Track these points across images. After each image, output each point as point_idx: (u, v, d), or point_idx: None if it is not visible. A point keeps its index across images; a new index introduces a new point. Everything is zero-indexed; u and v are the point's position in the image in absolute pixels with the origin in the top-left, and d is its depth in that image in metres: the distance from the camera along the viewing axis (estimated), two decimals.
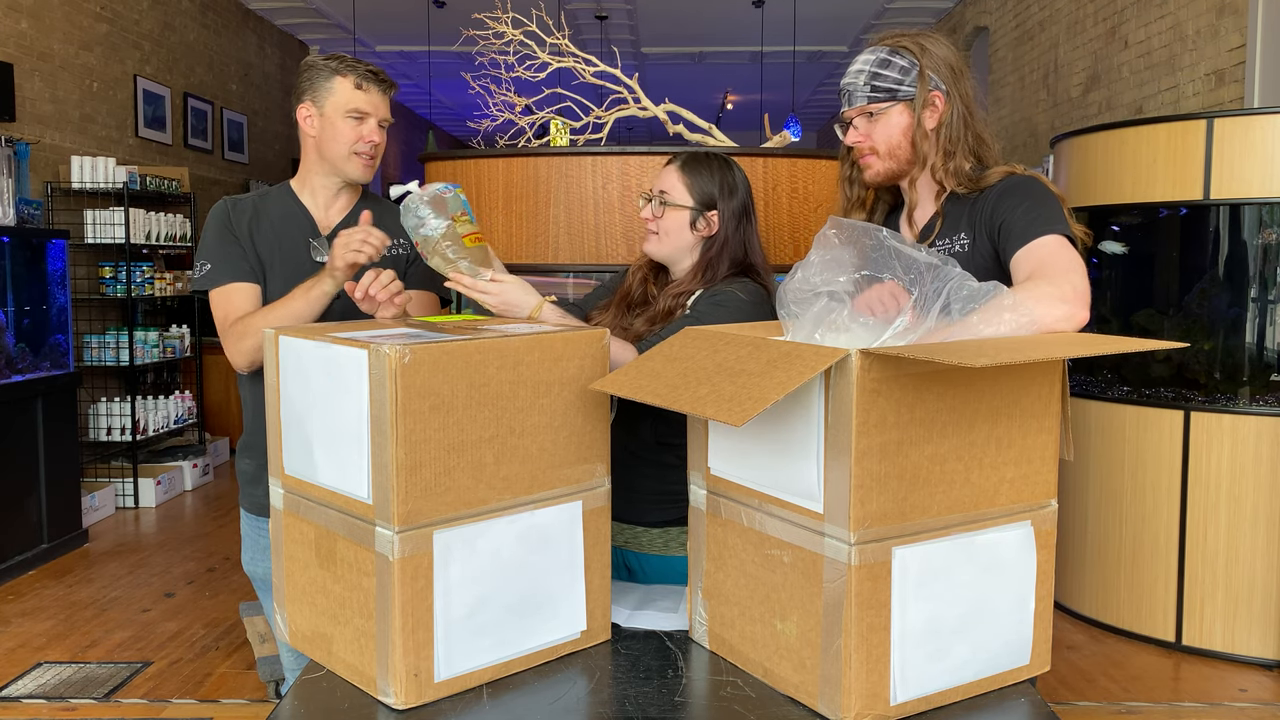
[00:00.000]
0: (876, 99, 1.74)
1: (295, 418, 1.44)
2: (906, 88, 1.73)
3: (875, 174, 1.80)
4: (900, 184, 1.84)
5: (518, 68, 2.96)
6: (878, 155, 1.77)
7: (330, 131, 2.02)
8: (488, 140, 3.16)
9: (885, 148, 1.76)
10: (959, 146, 1.73)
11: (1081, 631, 3.89)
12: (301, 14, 9.24)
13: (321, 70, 2.03)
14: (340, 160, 2.04)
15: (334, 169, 2.06)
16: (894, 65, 1.73)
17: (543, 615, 1.44)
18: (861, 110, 1.76)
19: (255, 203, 2.11)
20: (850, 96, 1.76)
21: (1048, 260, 1.56)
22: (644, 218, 1.98)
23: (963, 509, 1.31)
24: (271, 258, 2.05)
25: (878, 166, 1.78)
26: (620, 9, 9.33)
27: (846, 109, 1.78)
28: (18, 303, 4.97)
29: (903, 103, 1.73)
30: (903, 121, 1.74)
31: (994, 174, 1.74)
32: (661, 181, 1.97)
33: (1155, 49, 5.50)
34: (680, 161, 1.98)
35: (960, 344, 1.25)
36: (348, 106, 2.00)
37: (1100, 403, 3.89)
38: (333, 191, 2.10)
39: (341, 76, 2.01)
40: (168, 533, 5.28)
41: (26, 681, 3.40)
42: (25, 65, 5.60)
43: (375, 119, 2.02)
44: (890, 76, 1.72)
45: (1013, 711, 1.34)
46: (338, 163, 2.04)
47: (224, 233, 2.05)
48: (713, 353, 1.31)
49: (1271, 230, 3.59)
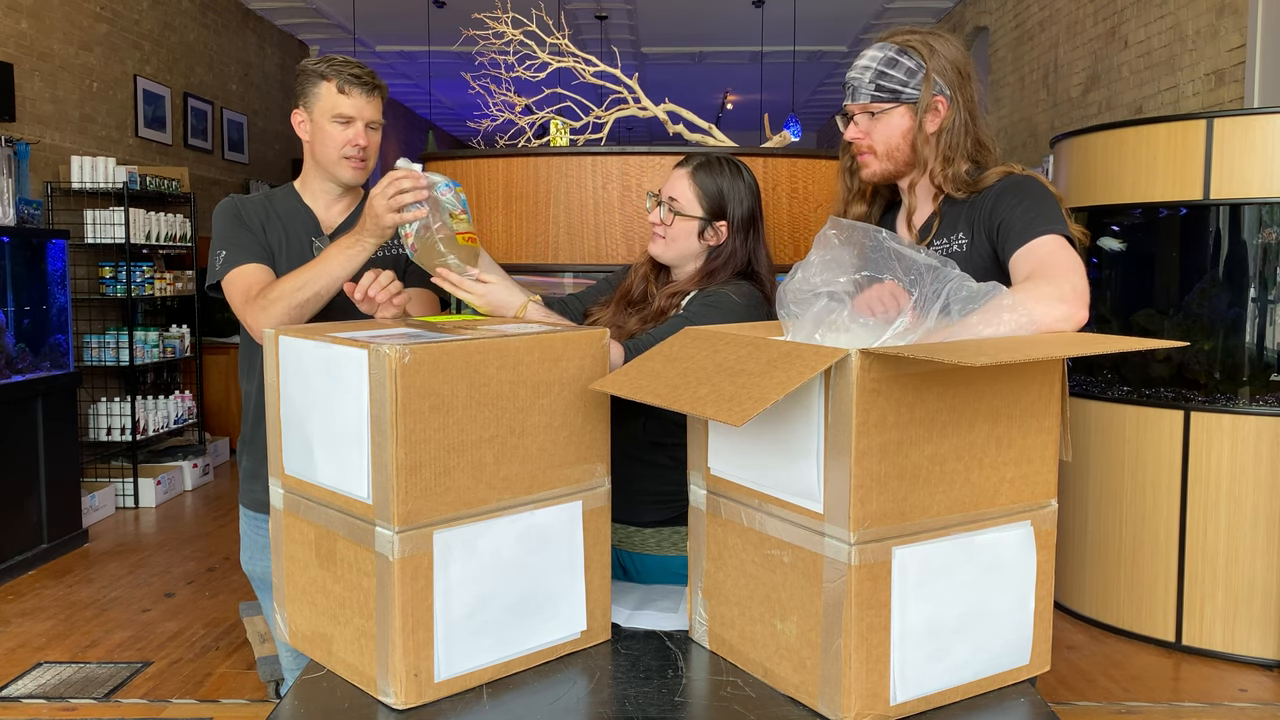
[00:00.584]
0: (880, 98, 1.73)
1: (295, 417, 1.44)
2: (911, 90, 1.72)
3: (872, 173, 1.79)
4: (899, 184, 1.84)
5: (518, 68, 2.95)
6: (875, 155, 1.77)
7: (320, 136, 2.03)
8: (488, 140, 3.16)
9: (884, 148, 1.76)
10: (958, 153, 1.73)
11: (1081, 631, 3.89)
12: (301, 14, 9.24)
13: (310, 75, 2.03)
14: (331, 164, 2.04)
15: (327, 173, 2.07)
16: (901, 66, 1.71)
17: (543, 615, 1.44)
18: (864, 107, 1.75)
19: (262, 200, 2.13)
20: (854, 92, 1.75)
21: (1047, 260, 1.56)
22: (651, 221, 1.96)
23: (963, 509, 1.31)
24: (279, 251, 2.06)
25: (874, 166, 1.78)
26: (620, 9, 9.33)
27: (849, 103, 1.77)
28: (18, 303, 4.97)
29: (905, 105, 1.72)
30: (904, 124, 1.74)
31: (992, 174, 1.73)
32: (672, 187, 1.94)
33: (1155, 49, 5.50)
34: (692, 167, 1.94)
35: (960, 344, 1.25)
36: (333, 111, 2.00)
37: (1100, 403, 3.89)
38: (334, 194, 2.11)
39: (326, 81, 2.00)
40: (168, 533, 5.28)
41: (26, 681, 3.40)
42: (25, 65, 5.60)
43: (361, 122, 2.02)
44: (896, 77, 1.71)
45: (1013, 711, 1.34)
46: (329, 167, 2.05)
47: (236, 222, 2.06)
48: (712, 353, 1.31)
49: (1272, 230, 3.59)
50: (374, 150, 2.07)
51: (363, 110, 2.02)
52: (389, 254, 2.10)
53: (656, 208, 1.95)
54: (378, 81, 2.06)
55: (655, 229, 1.96)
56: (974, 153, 1.75)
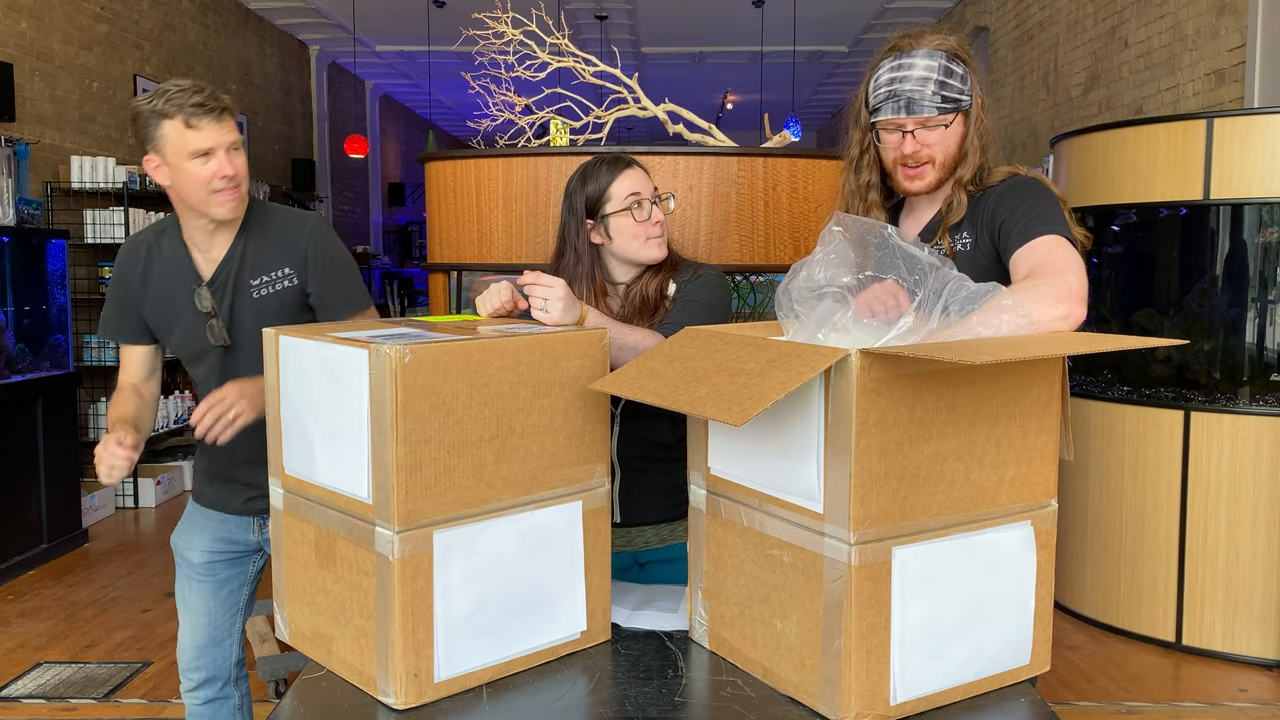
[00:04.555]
0: (945, 110, 1.69)
1: (295, 417, 1.44)
2: (966, 95, 1.71)
3: (927, 184, 1.75)
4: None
5: (518, 68, 2.95)
6: (934, 165, 1.73)
7: (182, 179, 1.88)
8: (488, 140, 3.15)
9: (943, 157, 1.73)
10: (989, 142, 1.74)
11: (1081, 631, 3.89)
12: (301, 14, 9.24)
13: (149, 116, 1.86)
14: (203, 204, 1.91)
15: (199, 213, 1.94)
16: (955, 74, 1.69)
17: (543, 615, 1.44)
18: (924, 120, 1.70)
19: (150, 245, 2.05)
20: (913, 105, 1.68)
21: (1046, 259, 1.56)
22: (655, 221, 1.93)
23: (963, 509, 1.31)
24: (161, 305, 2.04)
25: (930, 177, 1.74)
26: (620, 9, 9.33)
27: (903, 116, 1.69)
28: (18, 303, 4.97)
29: (964, 113, 1.72)
30: (960, 130, 1.73)
31: (997, 174, 1.74)
32: (652, 183, 1.96)
33: (1155, 49, 5.50)
34: (636, 163, 1.96)
35: (960, 343, 1.25)
36: (187, 150, 1.85)
37: (1100, 403, 3.89)
38: (208, 233, 1.98)
39: (169, 119, 1.85)
40: (168, 533, 5.25)
41: (26, 681, 3.40)
42: (25, 65, 5.60)
43: (222, 150, 1.87)
44: (955, 86, 1.69)
45: (1013, 711, 1.34)
46: (201, 207, 1.92)
47: (119, 286, 2.06)
48: (712, 352, 1.31)
49: (1273, 230, 3.59)
50: (243, 173, 1.93)
51: (218, 137, 1.87)
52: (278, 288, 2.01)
53: (656, 205, 1.93)
54: (222, 101, 1.90)
55: (657, 229, 1.93)
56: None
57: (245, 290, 2.00)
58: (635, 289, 1.94)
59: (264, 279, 2.00)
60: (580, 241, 1.94)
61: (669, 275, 1.95)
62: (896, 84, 1.69)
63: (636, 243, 1.91)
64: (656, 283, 1.94)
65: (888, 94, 1.70)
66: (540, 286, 1.62)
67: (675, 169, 2.61)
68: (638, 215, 1.89)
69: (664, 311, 1.91)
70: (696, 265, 1.99)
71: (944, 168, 1.74)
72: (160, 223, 2.09)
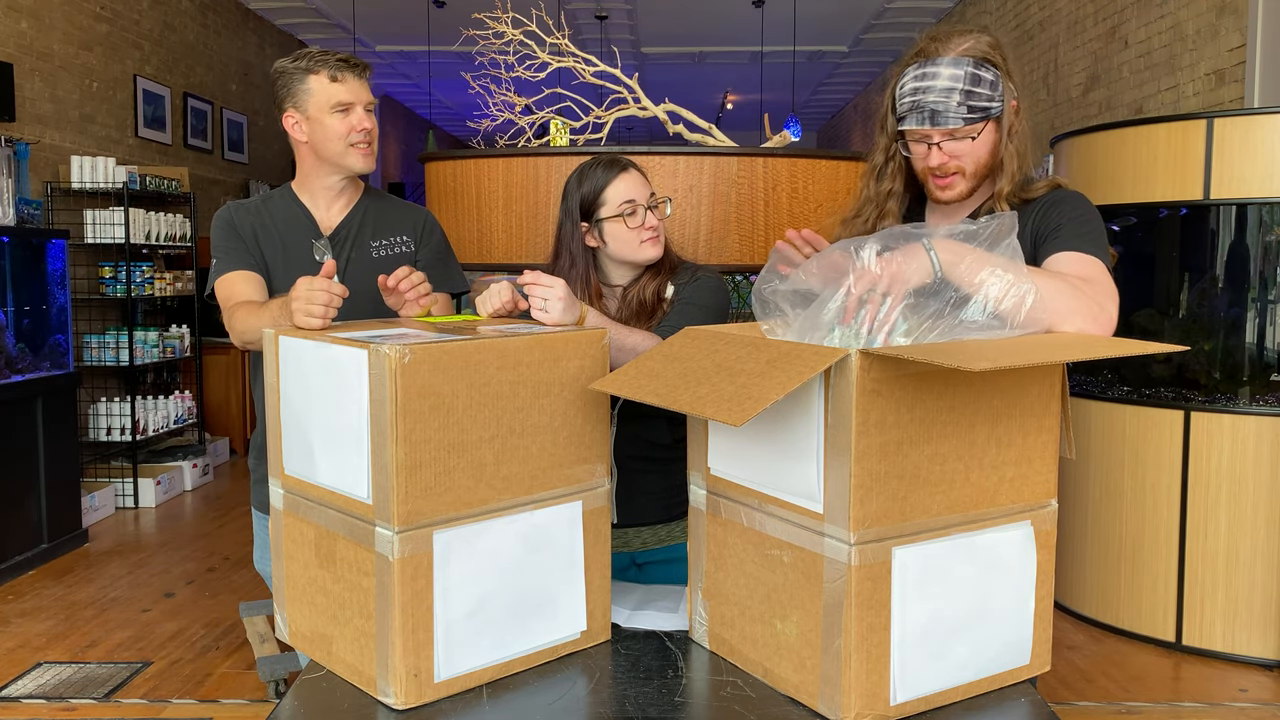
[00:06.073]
0: (972, 120, 1.62)
1: (295, 418, 1.44)
2: (996, 102, 1.63)
3: (958, 194, 1.69)
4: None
5: (518, 68, 2.95)
6: (964, 176, 1.67)
7: (321, 131, 2.00)
8: (488, 140, 3.16)
9: (974, 168, 1.67)
10: (1027, 147, 1.67)
11: (1081, 631, 3.89)
12: (301, 14, 9.24)
13: (293, 74, 2.00)
14: (339, 156, 2.02)
15: (335, 167, 2.05)
16: (983, 80, 1.61)
17: (543, 615, 1.44)
18: (950, 132, 1.63)
19: (258, 206, 2.11)
20: (938, 116, 1.61)
21: (1094, 278, 1.54)
22: (651, 225, 1.92)
23: (963, 509, 1.31)
24: (276, 261, 2.06)
25: (961, 187, 1.68)
26: (620, 9, 9.33)
27: (929, 128, 1.63)
28: (18, 303, 4.97)
29: (994, 120, 1.65)
30: (992, 138, 1.65)
31: (1040, 186, 1.69)
32: (650, 186, 1.96)
33: (1155, 49, 5.50)
34: (633, 166, 1.96)
35: (960, 346, 1.25)
36: (331, 102, 1.98)
37: (1100, 403, 3.89)
38: (334, 192, 2.10)
39: (315, 74, 1.98)
40: (168, 533, 5.27)
41: (26, 681, 3.40)
42: (25, 65, 5.60)
43: (360, 106, 2.01)
44: (983, 94, 1.61)
45: (1013, 711, 1.34)
46: (337, 159, 2.03)
47: (228, 231, 2.07)
48: (712, 352, 1.31)
49: (1273, 229, 3.59)
50: (375, 133, 2.06)
51: (359, 94, 2.01)
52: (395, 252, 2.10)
53: (652, 210, 1.93)
54: (364, 62, 2.04)
55: (653, 231, 1.93)
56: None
57: (366, 248, 2.10)
58: (633, 292, 1.94)
59: (384, 241, 2.11)
60: (575, 244, 1.94)
61: (667, 278, 1.95)
62: (920, 94, 1.62)
63: (630, 246, 1.91)
64: (655, 285, 1.94)
65: (912, 104, 1.63)
66: (540, 286, 1.61)
67: (675, 169, 2.61)
68: (630, 223, 1.89)
69: (662, 314, 1.91)
70: (695, 267, 1.99)
71: (975, 176, 1.68)
72: (259, 195, 2.17)
